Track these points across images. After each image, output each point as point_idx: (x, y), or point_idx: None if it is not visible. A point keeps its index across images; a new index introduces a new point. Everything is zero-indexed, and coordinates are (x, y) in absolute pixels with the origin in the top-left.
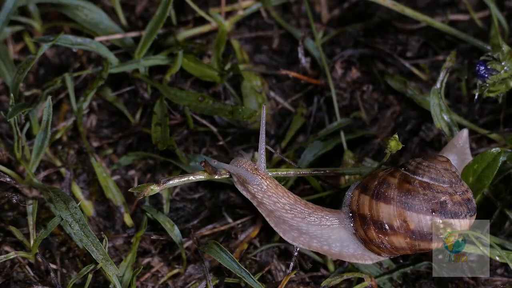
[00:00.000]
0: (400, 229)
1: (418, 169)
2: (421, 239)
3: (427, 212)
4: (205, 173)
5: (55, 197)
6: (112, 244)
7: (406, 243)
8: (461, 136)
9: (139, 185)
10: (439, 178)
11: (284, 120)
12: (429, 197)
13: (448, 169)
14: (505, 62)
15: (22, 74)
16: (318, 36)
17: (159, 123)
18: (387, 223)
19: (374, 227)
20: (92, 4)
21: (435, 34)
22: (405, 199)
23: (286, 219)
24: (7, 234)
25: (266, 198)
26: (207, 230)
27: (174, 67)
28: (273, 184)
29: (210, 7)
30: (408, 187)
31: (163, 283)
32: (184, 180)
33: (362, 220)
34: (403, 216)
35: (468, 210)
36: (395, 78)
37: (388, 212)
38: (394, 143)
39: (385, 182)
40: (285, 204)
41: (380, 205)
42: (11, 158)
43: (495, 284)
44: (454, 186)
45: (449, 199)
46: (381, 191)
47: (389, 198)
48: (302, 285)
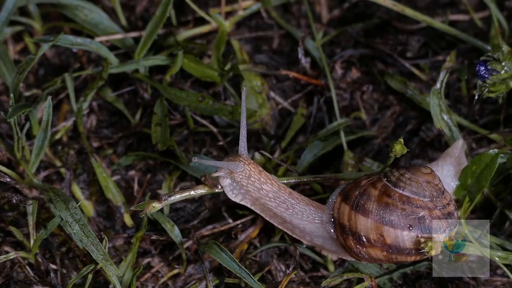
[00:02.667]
0: (377, 243)
1: (400, 181)
2: (398, 253)
3: (404, 228)
4: (206, 186)
5: (55, 197)
6: (112, 244)
7: (383, 256)
8: (456, 146)
9: (140, 203)
10: (419, 192)
11: (284, 120)
12: (407, 212)
13: (431, 182)
14: (505, 62)
15: (22, 74)
16: (318, 36)
17: (159, 123)
18: (364, 236)
19: (352, 237)
20: (92, 4)
21: (435, 34)
22: (383, 213)
23: (270, 207)
24: (7, 234)
25: (251, 185)
26: (207, 230)
27: (174, 67)
28: (256, 169)
29: (210, 7)
30: (387, 200)
31: (163, 283)
32: (185, 195)
33: (341, 229)
34: (380, 230)
35: (447, 225)
36: (395, 78)
37: (366, 225)
38: (399, 147)
39: (365, 193)
40: (268, 191)
41: (359, 217)
42: (11, 158)
43: (495, 285)
44: (435, 200)
45: (428, 215)
46: (360, 203)
47: (367, 211)
48: (302, 285)
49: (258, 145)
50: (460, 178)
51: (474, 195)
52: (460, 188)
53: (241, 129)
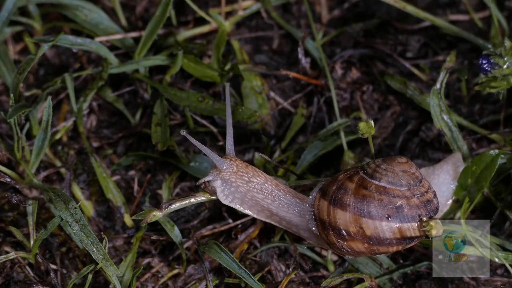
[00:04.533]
0: (357, 235)
1: (376, 173)
2: (379, 244)
3: (382, 218)
4: (206, 194)
5: (55, 197)
6: (112, 244)
7: (365, 248)
8: (453, 156)
9: (141, 212)
10: (396, 182)
11: (284, 121)
12: (384, 203)
13: (407, 171)
14: (508, 57)
15: (22, 74)
16: (318, 37)
17: (159, 123)
18: (344, 230)
19: (333, 232)
20: (92, 4)
21: (435, 34)
22: (360, 205)
23: (258, 199)
24: (7, 234)
25: (239, 179)
26: (207, 230)
27: (174, 68)
28: (242, 165)
29: (210, 8)
30: (364, 192)
31: (163, 284)
32: (185, 202)
33: (322, 225)
34: (359, 222)
35: (427, 212)
36: (395, 78)
37: (345, 219)
38: (363, 125)
39: (342, 187)
40: (256, 183)
41: (337, 211)
42: (11, 159)
43: (495, 285)
44: (412, 189)
45: (406, 203)
46: (338, 197)
47: (345, 204)
48: (302, 285)
49: (258, 145)
50: (460, 178)
51: (474, 195)
52: (460, 188)
53: (227, 128)
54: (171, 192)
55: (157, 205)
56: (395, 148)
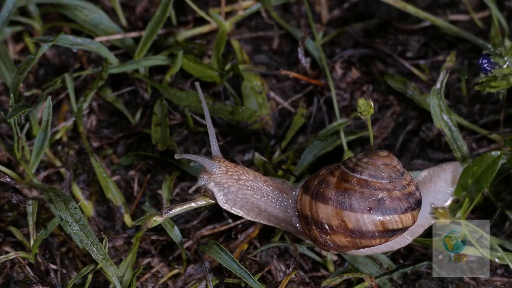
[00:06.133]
0: (339, 229)
1: (357, 166)
2: (362, 237)
3: (364, 211)
4: (206, 198)
5: (55, 197)
6: (112, 244)
7: (347, 242)
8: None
9: (142, 217)
10: (377, 175)
11: (284, 121)
12: (366, 195)
13: (388, 164)
14: (508, 57)
15: (22, 74)
16: (318, 37)
17: (159, 123)
18: (326, 223)
19: (315, 226)
20: (92, 4)
21: (435, 34)
22: (341, 198)
23: (247, 196)
24: (7, 234)
25: (229, 178)
26: (207, 230)
27: (174, 68)
28: (231, 165)
29: (210, 8)
30: (345, 186)
31: (163, 284)
32: (186, 207)
33: (305, 220)
34: (341, 215)
35: (409, 204)
36: (395, 78)
37: (327, 213)
38: (363, 102)
39: (324, 181)
40: (245, 180)
41: (319, 205)
42: (11, 159)
43: (495, 285)
44: (394, 181)
45: (387, 196)
46: (320, 191)
47: (327, 198)
48: (302, 285)
49: (258, 145)
50: (461, 178)
51: (474, 195)
52: (460, 188)
53: (209, 129)
54: (171, 192)
55: (157, 205)
56: (395, 148)
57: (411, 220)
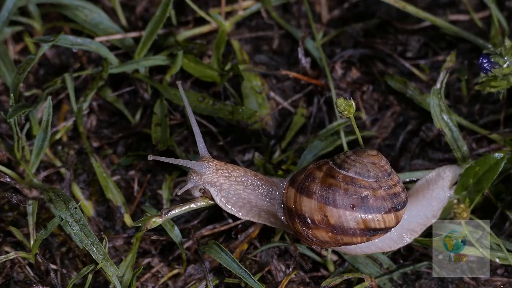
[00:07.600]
0: (321, 224)
1: (345, 163)
2: (343, 234)
3: (347, 207)
4: (206, 199)
5: (55, 197)
6: (112, 244)
7: (328, 237)
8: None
9: (141, 218)
10: (364, 173)
11: (284, 121)
12: (350, 192)
13: (376, 163)
14: (508, 57)
15: (22, 74)
16: (318, 36)
17: (159, 123)
18: (309, 217)
19: (298, 220)
20: (92, 4)
21: (435, 34)
22: (326, 193)
23: (239, 191)
24: (7, 234)
25: (220, 176)
26: (207, 230)
27: (174, 68)
28: (221, 163)
29: (210, 8)
30: (330, 181)
31: (163, 284)
32: (185, 208)
33: (289, 213)
34: (324, 210)
35: (393, 205)
36: (395, 78)
37: (310, 206)
38: (342, 102)
39: (310, 175)
40: (236, 176)
41: (303, 199)
42: (11, 158)
43: (495, 284)
44: (380, 181)
45: (372, 194)
46: (305, 185)
47: (311, 192)
48: (302, 285)
49: (258, 145)
50: (462, 177)
51: (474, 195)
52: (460, 187)
53: (193, 128)
54: (171, 192)
55: (157, 205)
56: (395, 148)
57: (394, 220)
